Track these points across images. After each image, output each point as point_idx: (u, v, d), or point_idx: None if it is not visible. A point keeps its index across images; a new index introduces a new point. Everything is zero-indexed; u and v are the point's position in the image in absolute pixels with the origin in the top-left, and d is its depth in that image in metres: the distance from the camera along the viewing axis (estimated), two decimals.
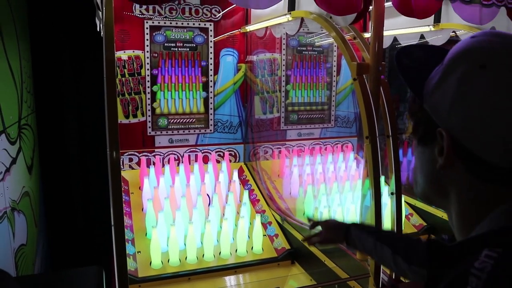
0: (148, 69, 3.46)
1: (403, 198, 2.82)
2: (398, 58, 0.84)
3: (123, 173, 3.46)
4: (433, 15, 3.01)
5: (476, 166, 0.70)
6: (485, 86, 0.66)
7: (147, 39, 3.44)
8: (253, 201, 3.39)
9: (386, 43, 3.71)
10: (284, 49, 3.90)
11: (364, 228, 1.50)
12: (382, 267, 2.07)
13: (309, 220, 1.77)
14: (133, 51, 3.42)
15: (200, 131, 3.70)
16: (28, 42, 3.31)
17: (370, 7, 2.15)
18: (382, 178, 2.20)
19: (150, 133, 3.56)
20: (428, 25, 3.14)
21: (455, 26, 2.98)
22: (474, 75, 0.68)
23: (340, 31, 2.23)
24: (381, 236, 1.39)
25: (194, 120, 3.67)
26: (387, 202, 2.86)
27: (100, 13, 2.15)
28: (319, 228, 1.69)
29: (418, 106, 0.79)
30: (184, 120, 3.63)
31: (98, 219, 3.63)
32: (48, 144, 3.65)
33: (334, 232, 1.59)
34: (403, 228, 2.42)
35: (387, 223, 2.52)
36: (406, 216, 3.45)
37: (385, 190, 2.47)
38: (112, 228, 1.52)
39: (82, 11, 3.41)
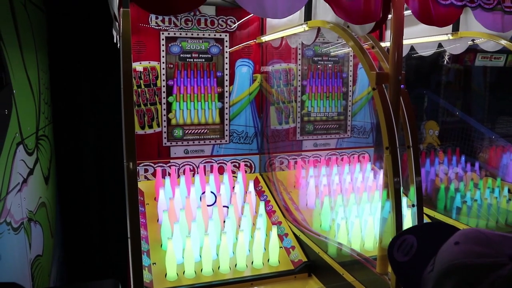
0: (163, 80, 3.47)
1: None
2: (391, 253, 0.86)
3: (138, 184, 3.45)
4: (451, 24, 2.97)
5: None
6: None
7: (163, 50, 3.45)
8: (269, 213, 3.35)
9: (403, 52, 3.67)
10: (299, 59, 3.88)
11: None
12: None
13: None
14: (149, 62, 3.44)
15: (215, 141, 3.69)
16: (46, 53, 3.34)
17: (389, 16, 2.12)
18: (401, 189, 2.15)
19: (165, 143, 3.55)
20: (447, 34, 3.09)
21: (475, 34, 2.93)
22: None
23: (358, 40, 2.20)
24: None
25: (209, 130, 3.65)
26: (405, 213, 2.81)
27: (117, 24, 2.16)
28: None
29: None
30: (200, 131, 3.62)
31: (114, 229, 3.62)
32: (65, 155, 3.66)
33: None
34: None
35: None
36: None
37: (403, 201, 2.41)
38: (129, 240, 1.50)
39: (100, 22, 3.44)
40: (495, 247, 0.72)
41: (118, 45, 2.62)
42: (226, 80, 3.64)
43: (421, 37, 3.32)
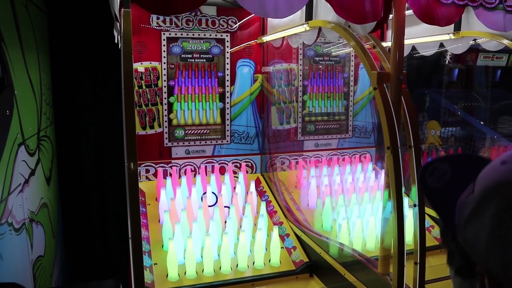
0: (165, 80, 3.47)
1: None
2: (423, 179, 0.80)
3: (140, 185, 3.46)
4: (452, 24, 2.96)
5: None
6: None
7: (164, 51, 3.45)
8: (270, 213, 3.34)
9: (405, 52, 3.66)
10: (301, 59, 3.88)
11: None
12: (405, 281, 2.01)
13: None
14: (150, 63, 3.44)
15: (216, 142, 3.69)
16: (47, 54, 3.35)
17: (390, 16, 2.12)
18: (402, 189, 2.14)
19: (166, 144, 3.55)
20: (448, 33, 3.08)
21: (476, 33, 2.92)
22: (510, 214, 0.62)
23: (360, 40, 2.19)
24: None
25: (210, 131, 3.65)
26: (407, 214, 2.80)
27: (118, 24, 2.16)
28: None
29: (451, 237, 0.74)
30: (201, 131, 3.62)
31: (115, 230, 3.62)
32: (66, 155, 3.67)
33: None
34: None
35: (408, 235, 2.46)
36: (427, 228, 3.36)
37: (405, 201, 2.41)
38: (130, 240, 1.50)
39: (101, 23, 3.44)
40: None
41: (119, 45, 2.62)
42: (227, 81, 3.64)
43: (422, 37, 3.31)
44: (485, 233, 0.65)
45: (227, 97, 3.66)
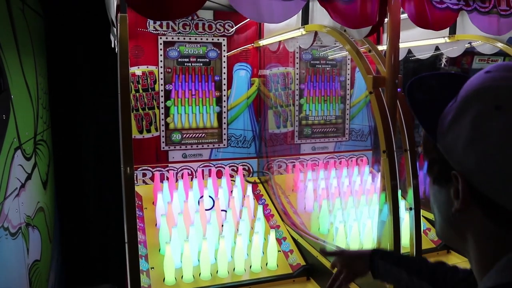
0: (162, 84, 3.48)
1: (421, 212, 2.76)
2: (410, 91, 0.81)
3: (136, 188, 3.45)
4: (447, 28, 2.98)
5: (492, 211, 0.67)
6: (500, 129, 0.63)
7: (161, 55, 3.45)
8: (267, 216, 3.34)
9: (401, 56, 3.68)
10: (297, 63, 3.89)
11: (389, 258, 1.41)
12: None
13: (323, 252, 1.65)
14: (147, 67, 3.44)
15: (213, 145, 3.69)
16: (44, 58, 3.35)
17: (386, 20, 2.13)
18: (399, 193, 2.15)
19: (163, 148, 3.56)
20: (444, 37, 3.10)
21: (471, 37, 2.94)
22: (489, 116, 0.64)
23: (355, 44, 2.20)
24: (413, 270, 1.33)
25: (207, 134, 3.66)
26: (403, 216, 2.81)
27: (115, 29, 2.16)
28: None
29: (432, 145, 0.76)
30: (198, 135, 3.63)
31: (112, 234, 3.62)
32: (63, 159, 3.67)
33: (354, 266, 1.48)
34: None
35: (405, 238, 2.46)
36: (423, 231, 3.37)
37: (401, 204, 2.41)
38: (126, 245, 1.50)
39: (98, 27, 3.45)
40: None
41: (116, 50, 2.62)
42: (224, 84, 3.65)
43: (418, 40, 3.33)
44: (463, 137, 0.67)
45: (224, 101, 3.67)
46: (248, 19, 3.52)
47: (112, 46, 3.24)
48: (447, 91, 0.76)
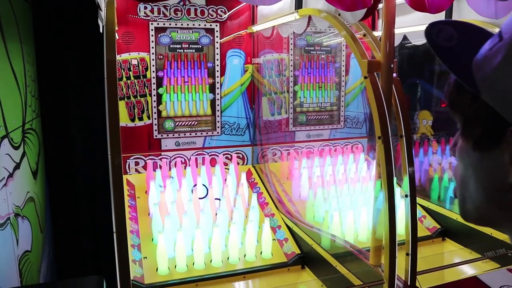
0: (153, 71, 3.41)
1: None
2: (431, 38, 0.66)
3: (129, 177, 3.42)
4: (444, 11, 2.92)
5: None
6: None
7: (152, 41, 3.38)
8: (262, 205, 3.31)
9: (396, 42, 3.62)
10: (291, 49, 3.83)
11: None
12: (396, 273, 1.99)
13: None
14: (138, 53, 3.37)
15: (207, 133, 3.64)
16: (32, 45, 3.27)
17: (380, 5, 2.07)
18: (394, 180, 2.11)
19: (156, 136, 3.50)
20: None
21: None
22: None
23: (350, 28, 2.15)
24: None
25: (201, 122, 3.60)
26: (399, 204, 2.78)
27: (102, 14, 2.10)
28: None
29: (470, 98, 0.60)
30: (191, 123, 3.57)
31: (105, 223, 3.57)
32: (54, 148, 3.60)
33: None
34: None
35: (400, 225, 2.44)
36: (419, 219, 3.35)
37: (397, 192, 2.39)
38: (114, 235, 1.46)
39: (87, 13, 3.36)
40: None
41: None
42: (217, 71, 3.59)
43: (413, 26, 3.27)
44: None
45: (217, 88, 3.61)
46: (242, 4, 3.46)
47: (101, 31, 3.17)
48: (469, 41, 0.63)
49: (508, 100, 0.54)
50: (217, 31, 3.54)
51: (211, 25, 3.52)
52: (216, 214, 2.94)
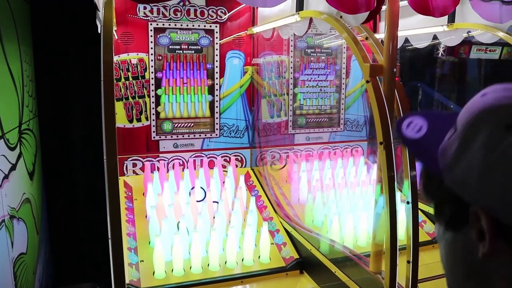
0: (152, 72, 3.38)
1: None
2: (400, 131, 0.75)
3: (126, 179, 3.38)
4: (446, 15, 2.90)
5: None
6: None
7: (151, 42, 3.35)
8: (260, 208, 3.28)
9: (398, 44, 3.60)
10: (292, 51, 3.80)
11: None
12: (397, 280, 1.95)
13: None
14: (137, 54, 3.34)
15: (205, 135, 3.61)
16: (30, 45, 3.24)
17: (384, 7, 2.04)
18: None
19: (154, 137, 3.47)
20: (442, 25, 3.01)
21: (471, 25, 2.86)
22: (501, 138, 0.58)
23: (352, 31, 2.12)
24: None
25: (199, 124, 3.57)
26: (399, 209, 2.75)
27: (100, 13, 2.07)
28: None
29: (437, 184, 0.67)
30: (189, 124, 3.54)
31: (102, 226, 3.53)
32: (51, 149, 3.57)
33: None
34: None
35: (400, 230, 2.41)
36: (419, 224, 3.32)
37: (397, 196, 2.35)
38: (109, 240, 1.42)
39: (86, 13, 3.33)
40: None
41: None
42: (217, 73, 3.55)
43: (416, 29, 3.25)
44: (477, 165, 0.59)
45: (216, 90, 3.58)
46: (242, 5, 3.42)
47: (99, 31, 3.13)
48: (437, 130, 0.71)
49: (465, 183, 0.61)
50: (217, 32, 3.51)
51: (211, 26, 3.49)
52: (214, 218, 2.90)
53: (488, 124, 0.60)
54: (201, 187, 3.20)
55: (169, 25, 3.38)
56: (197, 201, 3.06)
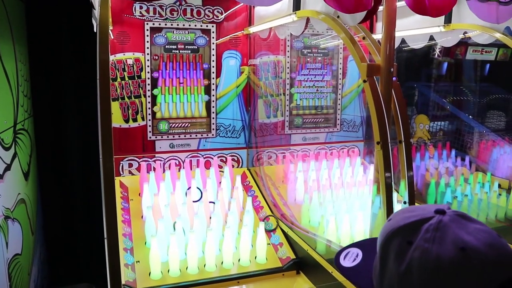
0: (148, 72, 3.37)
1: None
2: (338, 263, 0.93)
3: (122, 179, 3.36)
4: (443, 16, 2.90)
5: None
6: (417, 256, 0.73)
7: (148, 41, 3.34)
8: (257, 208, 3.27)
9: (395, 44, 3.60)
10: (288, 51, 3.80)
11: None
12: None
13: None
14: (133, 54, 3.32)
15: (202, 135, 3.59)
16: (25, 45, 3.22)
17: (381, 7, 2.04)
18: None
19: (150, 137, 3.45)
20: (439, 26, 3.02)
21: (468, 26, 2.86)
22: (406, 251, 0.75)
23: (349, 31, 2.11)
24: None
25: (195, 124, 3.56)
26: (396, 209, 2.75)
27: (96, 12, 2.05)
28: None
29: None
30: (186, 125, 3.53)
31: (98, 226, 3.51)
32: (46, 149, 3.54)
33: None
34: None
35: None
36: None
37: (394, 196, 2.35)
38: (105, 240, 1.41)
39: (82, 12, 3.31)
40: (421, 209, 0.81)
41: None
42: (213, 73, 3.54)
43: (412, 29, 3.25)
44: (394, 277, 0.75)
45: (213, 90, 3.56)
46: (239, 5, 3.42)
47: (95, 30, 3.12)
48: (371, 254, 0.87)
49: None
50: (213, 32, 3.50)
51: (207, 26, 3.48)
52: (210, 218, 2.90)
53: (394, 243, 0.77)
54: (198, 187, 3.19)
55: (166, 24, 3.37)
56: (194, 202, 3.06)
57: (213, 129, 3.62)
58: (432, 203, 3.52)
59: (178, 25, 3.40)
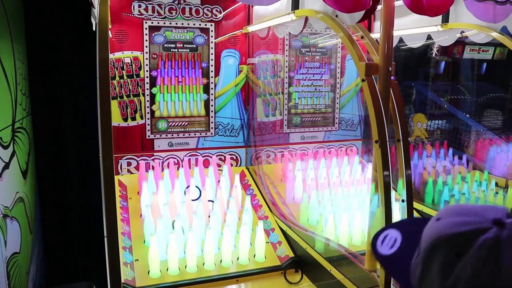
0: (147, 71, 3.37)
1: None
2: (374, 248, 0.86)
3: (121, 178, 3.37)
4: (441, 15, 2.91)
5: None
6: (467, 275, 0.66)
7: (146, 40, 3.34)
8: (255, 207, 3.28)
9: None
10: (287, 50, 3.80)
11: None
12: (392, 279, 1.96)
13: None
14: (132, 52, 3.33)
15: (200, 134, 3.60)
16: (23, 43, 3.21)
17: (379, 7, 2.05)
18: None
19: (149, 136, 3.46)
20: (436, 25, 3.03)
21: (465, 25, 2.87)
22: (453, 264, 0.68)
23: (347, 30, 2.12)
24: None
25: (194, 123, 3.56)
26: (394, 207, 2.76)
27: (95, 10, 2.05)
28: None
29: None
30: (184, 123, 3.53)
31: (96, 225, 3.51)
32: (45, 147, 3.54)
33: None
34: None
35: None
36: None
37: (392, 194, 2.36)
38: (105, 239, 1.42)
39: (81, 10, 3.31)
40: (477, 215, 0.71)
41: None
42: (212, 71, 3.55)
43: (410, 29, 3.26)
44: (437, 285, 0.70)
45: (212, 89, 3.57)
46: (237, 4, 3.42)
47: (94, 29, 3.12)
48: (411, 239, 0.80)
49: None
50: (212, 30, 3.50)
51: (206, 25, 3.48)
52: (209, 216, 2.90)
53: (441, 251, 0.70)
54: (196, 186, 3.19)
55: (164, 23, 3.37)
56: (192, 200, 3.06)
57: (212, 128, 3.62)
58: (430, 202, 3.55)
59: (176, 24, 3.40)
